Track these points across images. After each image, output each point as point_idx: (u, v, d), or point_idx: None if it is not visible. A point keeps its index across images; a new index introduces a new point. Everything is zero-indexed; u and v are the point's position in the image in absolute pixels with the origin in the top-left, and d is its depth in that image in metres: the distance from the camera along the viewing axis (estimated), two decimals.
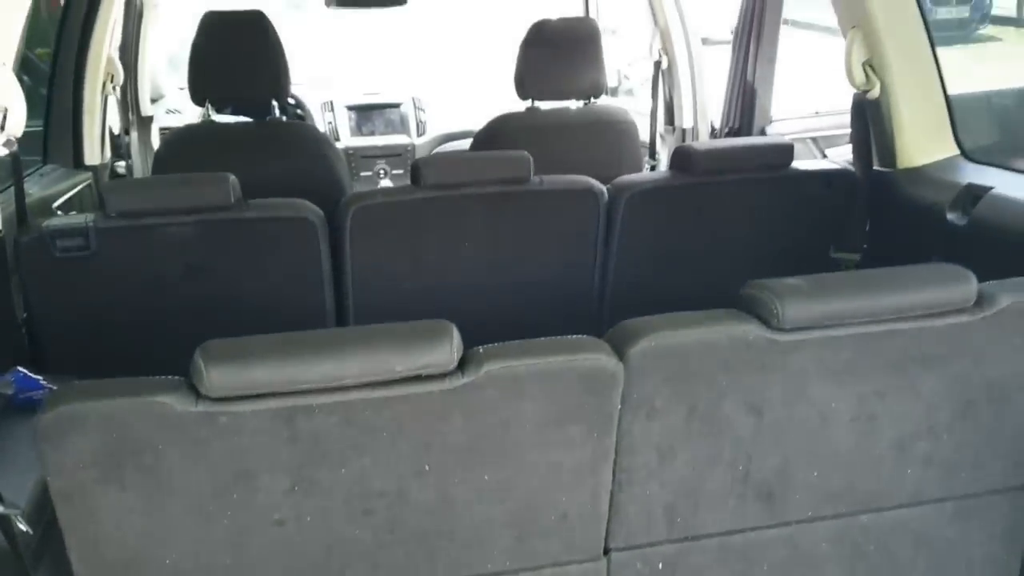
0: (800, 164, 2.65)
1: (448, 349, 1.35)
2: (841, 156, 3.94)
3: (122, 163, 3.95)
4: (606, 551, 1.59)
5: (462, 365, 1.38)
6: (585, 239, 2.57)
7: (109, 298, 2.31)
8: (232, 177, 2.29)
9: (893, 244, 2.62)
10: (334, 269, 2.43)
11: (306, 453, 1.36)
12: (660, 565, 1.62)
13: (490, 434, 1.41)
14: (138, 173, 4.16)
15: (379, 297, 2.50)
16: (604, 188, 2.53)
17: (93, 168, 3.37)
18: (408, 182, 2.67)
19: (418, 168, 2.42)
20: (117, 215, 2.24)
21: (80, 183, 3.26)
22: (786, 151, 2.59)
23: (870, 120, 2.62)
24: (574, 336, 1.46)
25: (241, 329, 2.45)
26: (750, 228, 2.67)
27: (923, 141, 2.55)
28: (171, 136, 3.39)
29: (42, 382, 2.05)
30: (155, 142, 4.29)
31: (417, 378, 1.35)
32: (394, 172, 4.74)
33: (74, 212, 3.27)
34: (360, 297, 2.48)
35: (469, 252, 2.52)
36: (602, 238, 2.58)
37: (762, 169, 2.58)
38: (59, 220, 2.31)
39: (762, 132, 3.86)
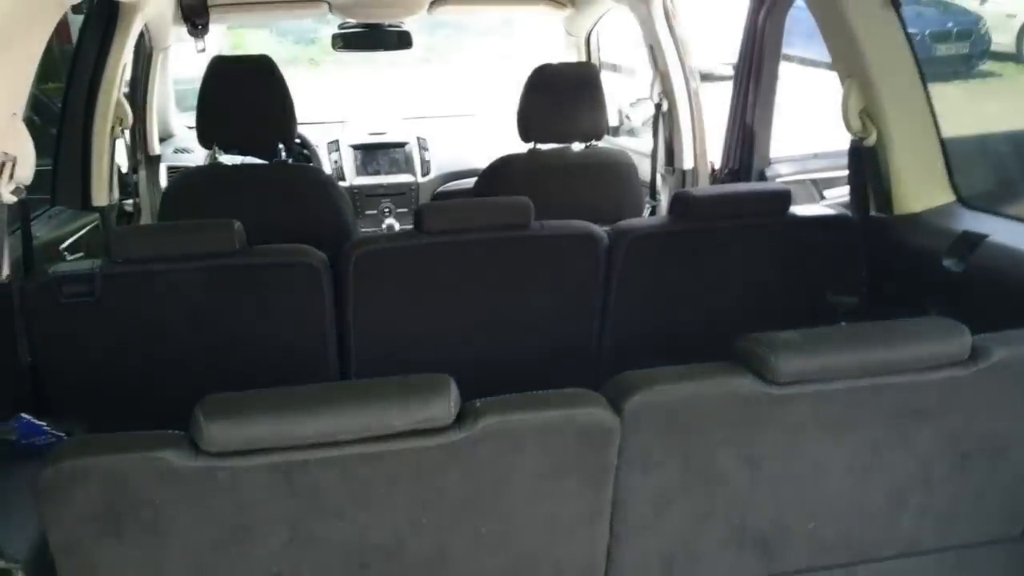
0: (798, 209, 2.68)
1: (446, 404, 1.37)
2: (839, 197, 3.98)
3: (130, 201, 4.00)
4: None
5: (460, 419, 1.39)
6: (586, 283, 2.59)
7: (113, 344, 2.33)
8: (237, 224, 2.32)
9: (890, 288, 2.64)
10: (337, 314, 2.46)
11: (304, 507, 1.37)
12: None
13: (487, 487, 1.43)
14: (146, 212, 4.20)
15: (381, 342, 2.52)
16: (604, 233, 2.56)
17: (101, 209, 3.41)
18: (412, 221, 2.71)
19: (421, 214, 2.45)
20: (123, 261, 2.27)
21: (87, 224, 3.30)
22: (784, 198, 2.62)
23: (867, 166, 2.65)
24: (571, 390, 1.47)
25: (244, 376, 2.49)
26: (749, 272, 2.69)
27: (919, 188, 2.58)
28: (178, 178, 3.44)
29: (45, 428, 2.07)
30: (163, 180, 4.33)
31: (415, 432, 1.37)
32: (399, 211, 4.77)
33: (81, 254, 3.31)
34: (362, 342, 2.50)
35: (470, 297, 2.54)
36: (602, 282, 2.60)
37: (761, 215, 2.61)
38: (66, 266, 2.34)
39: (761, 174, 3.91)
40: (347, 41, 4.38)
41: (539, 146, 3.33)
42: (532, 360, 2.65)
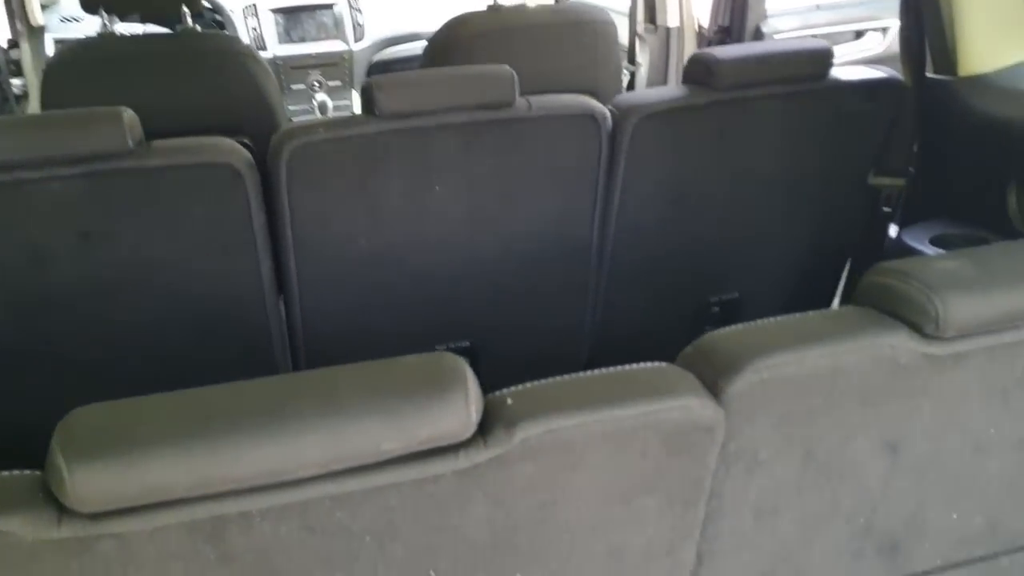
0: (838, 72, 2.16)
1: (462, 407, 0.86)
2: (849, 56, 3.47)
3: (18, 82, 3.33)
4: None
5: (484, 429, 0.89)
6: (583, 176, 2.06)
7: None
8: (127, 113, 1.72)
9: (947, 168, 2.17)
10: (270, 227, 1.90)
11: None
12: None
13: (525, 522, 0.94)
14: (34, 95, 3.52)
15: (328, 261, 1.98)
16: (607, 111, 2.02)
17: None
18: (347, 93, 2.13)
19: (371, 92, 1.87)
20: None
21: None
22: (825, 57, 2.10)
23: (924, 15, 2.12)
24: (649, 366, 0.97)
25: (149, 325, 1.94)
26: (776, 153, 2.19)
27: (993, 42, 2.07)
28: (60, 54, 2.76)
29: None
30: (50, 55, 3.65)
31: (415, 456, 0.87)
32: (331, 83, 4.14)
33: None
34: (304, 262, 1.96)
35: (440, 198, 2.00)
36: (604, 172, 2.08)
37: (798, 81, 2.09)
38: None
39: (757, 32, 3.37)
40: None
41: (500, 1, 2.74)
42: (518, 273, 2.15)
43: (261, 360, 2.03)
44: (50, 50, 3.67)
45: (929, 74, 2.16)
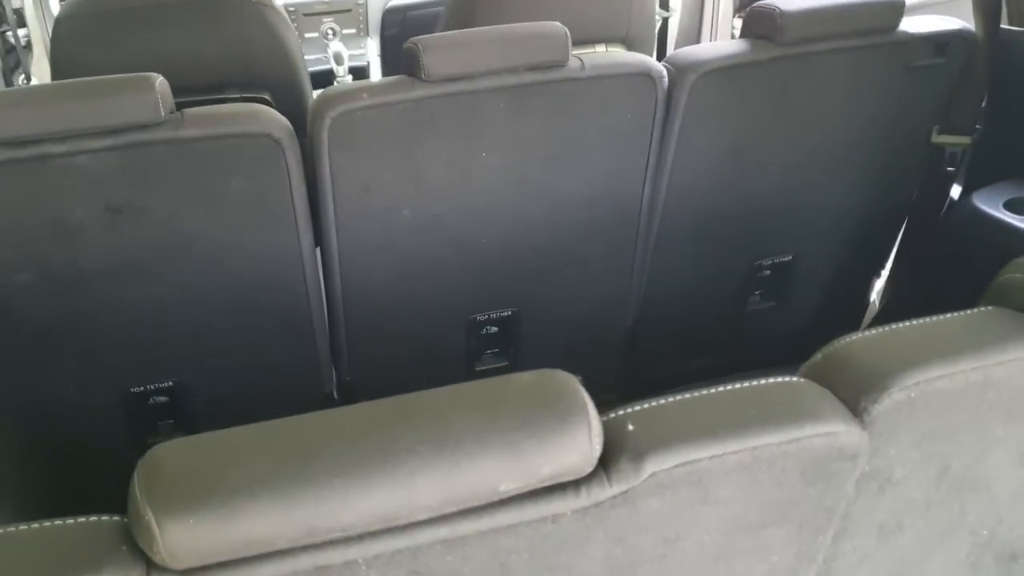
0: (908, 23, 2.03)
1: (585, 440, 0.77)
2: None
3: (23, 32, 3.18)
4: None
5: (606, 462, 0.80)
6: (636, 137, 1.95)
7: (1, 261, 1.65)
8: (160, 80, 1.60)
9: (1020, 125, 2.06)
10: (310, 198, 1.79)
11: None
12: None
13: (645, 559, 0.86)
14: (38, 46, 3.37)
15: (370, 231, 1.88)
16: (664, 68, 1.90)
17: None
18: (363, 41, 2.00)
19: (416, 55, 1.74)
20: (0, 143, 1.56)
21: None
22: (896, 8, 1.96)
23: None
24: (781, 381, 0.88)
25: (189, 303, 1.84)
26: (838, 110, 2.07)
27: None
28: (71, 5, 2.62)
29: None
30: (54, 3, 3.49)
31: (534, 494, 0.78)
32: (345, 31, 3.99)
33: None
34: (346, 233, 1.86)
35: (486, 165, 1.89)
36: (658, 133, 1.96)
37: (865, 34, 1.96)
38: None
39: None
40: None
41: None
42: (565, 239, 2.05)
43: (299, 333, 1.94)
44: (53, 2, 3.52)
45: (1004, 25, 2.04)
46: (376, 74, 4.10)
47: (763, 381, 0.88)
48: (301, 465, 0.72)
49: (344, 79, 3.84)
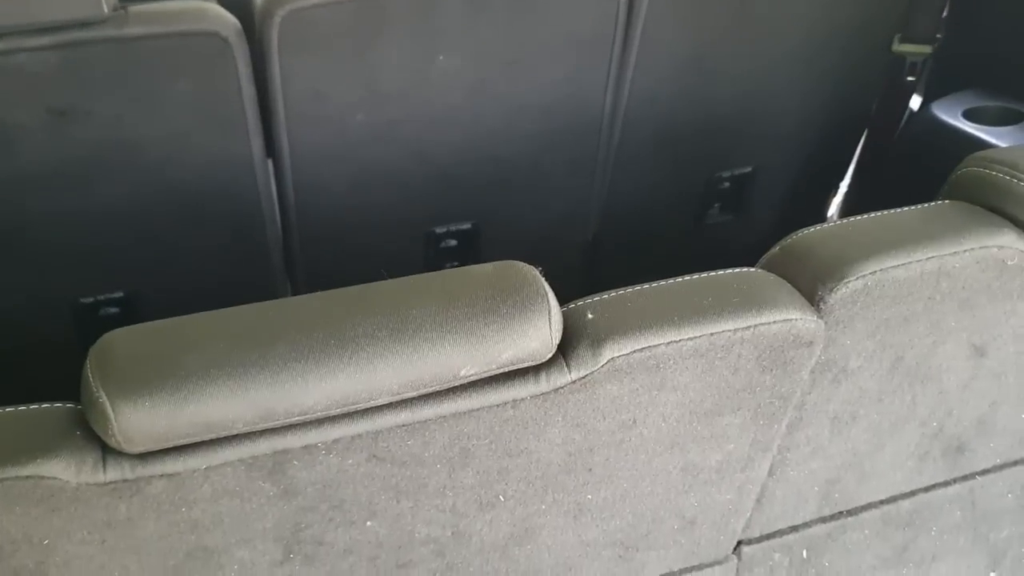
0: None
1: (543, 326, 0.76)
2: None
3: None
4: (736, 546, 1.11)
5: (565, 349, 0.80)
6: (598, 42, 1.91)
7: None
8: None
9: (980, 35, 2.06)
10: (260, 102, 1.74)
11: (307, 510, 0.79)
12: (804, 552, 1.15)
13: (602, 443, 0.86)
14: None
15: (323, 137, 1.84)
16: None
17: None
18: None
19: None
20: None
21: None
22: None
23: None
24: (738, 271, 0.88)
25: (137, 211, 1.79)
26: (799, 19, 2.05)
27: None
28: None
29: None
30: None
31: (494, 379, 0.78)
32: None
33: None
34: (298, 138, 1.81)
35: (443, 69, 1.84)
36: (620, 39, 1.93)
37: None
38: None
39: None
40: None
41: None
42: (525, 149, 2.02)
43: (251, 244, 1.91)
44: None
45: None
46: None
47: (721, 272, 0.88)
48: (258, 349, 0.71)
49: None
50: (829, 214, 2.53)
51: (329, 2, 1.69)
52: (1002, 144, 1.79)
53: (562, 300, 2.31)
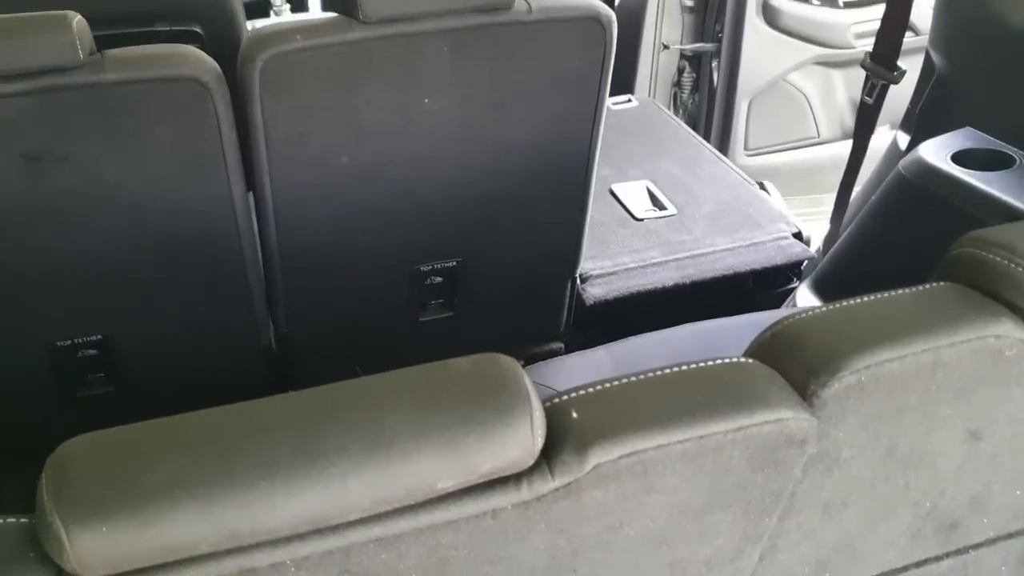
0: None
1: (527, 435, 0.73)
2: None
3: None
4: None
5: (549, 452, 0.77)
6: (584, 83, 1.89)
7: None
8: (78, 20, 1.50)
9: (973, 73, 2.04)
10: (241, 145, 1.71)
11: None
12: None
13: (586, 547, 0.83)
14: None
15: (306, 180, 1.81)
16: (613, 15, 1.83)
17: None
18: None
19: None
20: None
21: None
22: None
23: None
24: (729, 362, 0.85)
25: (112, 263, 1.75)
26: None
27: None
28: None
29: None
30: None
31: (473, 489, 0.74)
32: None
33: None
34: (280, 182, 1.78)
35: (428, 111, 1.81)
36: (606, 79, 1.91)
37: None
38: None
39: None
40: None
41: None
42: (510, 187, 1.99)
43: (233, 285, 1.87)
44: None
45: None
46: (316, 5, 3.94)
47: (711, 362, 0.85)
48: (223, 466, 0.68)
49: (281, 8, 3.68)
50: (813, 248, 2.51)
51: (312, 46, 1.66)
52: (988, 189, 1.77)
53: (549, 335, 2.28)
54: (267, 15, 3.59)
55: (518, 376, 0.76)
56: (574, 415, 0.78)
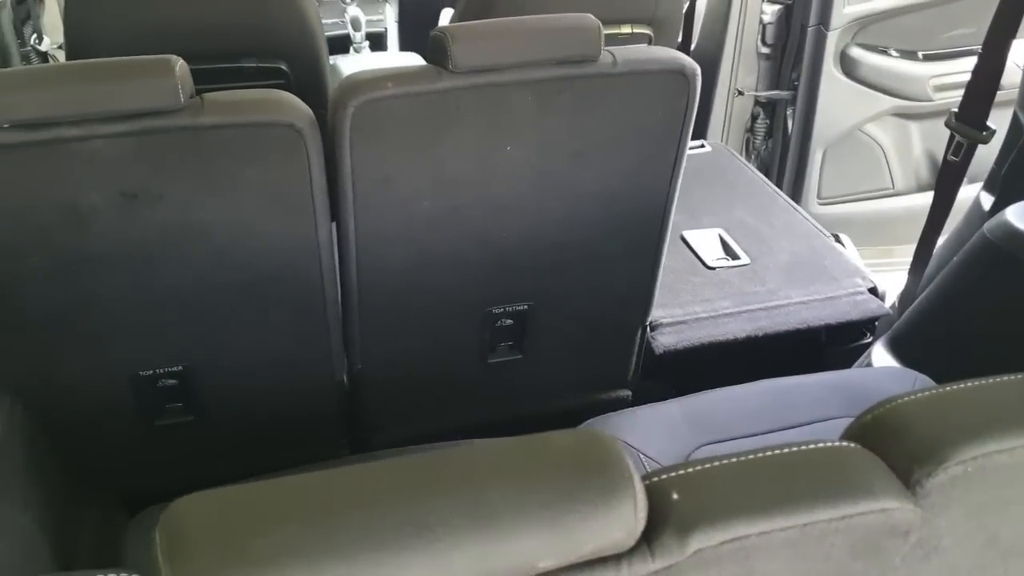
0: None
1: (630, 516, 0.73)
2: None
3: None
4: None
5: (650, 534, 0.76)
6: (666, 135, 1.89)
7: (11, 245, 1.61)
8: (180, 64, 1.54)
9: None
10: (328, 187, 1.74)
11: None
12: None
13: None
14: (52, 11, 3.31)
15: (389, 222, 1.84)
16: (698, 68, 1.83)
17: None
18: (381, 7, 1.91)
19: (445, 44, 1.68)
20: (11, 126, 1.50)
21: None
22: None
23: None
24: (828, 445, 0.84)
25: (204, 291, 1.80)
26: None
27: None
28: None
29: None
30: None
31: (569, 569, 0.74)
32: None
33: None
34: (364, 223, 1.81)
35: (510, 159, 1.83)
36: (688, 131, 1.91)
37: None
38: None
39: None
40: None
41: None
42: (585, 236, 2.00)
43: (312, 323, 1.90)
44: None
45: None
46: (393, 41, 4.01)
47: (812, 446, 0.84)
48: (330, 533, 0.69)
49: (361, 45, 3.75)
50: (888, 304, 2.47)
51: (402, 94, 1.69)
52: None
53: (616, 382, 2.25)
54: (347, 51, 3.67)
55: (620, 455, 0.76)
56: (674, 496, 0.78)
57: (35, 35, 3.12)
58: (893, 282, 2.59)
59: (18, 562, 1.48)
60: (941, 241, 2.42)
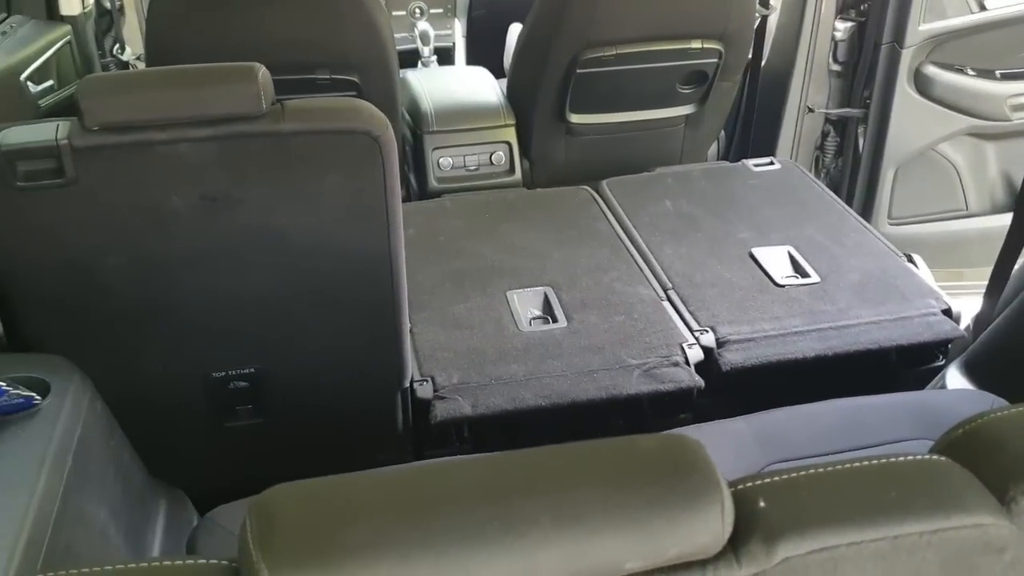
0: None
1: (717, 521, 0.72)
2: None
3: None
4: None
5: (736, 541, 0.76)
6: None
7: (96, 243, 1.66)
8: (263, 72, 1.58)
9: None
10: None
11: None
12: None
13: None
14: (132, 14, 3.40)
15: None
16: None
17: (72, 19, 2.65)
18: (450, 22, 1.91)
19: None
20: (101, 128, 1.55)
21: (56, 41, 2.54)
22: None
23: None
24: (918, 458, 0.82)
25: (276, 289, 1.81)
26: None
27: None
28: None
29: (2, 387, 1.44)
30: None
31: (655, 572, 0.74)
32: (433, 11, 3.96)
33: (51, 83, 2.55)
34: None
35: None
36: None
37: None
38: (20, 132, 1.60)
39: None
40: None
41: None
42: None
43: (381, 331, 1.92)
44: None
45: None
46: (461, 55, 4.05)
47: (901, 458, 0.82)
48: (419, 527, 0.69)
49: (429, 59, 3.79)
50: (962, 326, 2.41)
51: None
52: None
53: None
54: (416, 65, 3.72)
55: (707, 460, 0.75)
56: (761, 504, 0.77)
57: (116, 45, 3.21)
58: (964, 305, 2.53)
59: (93, 554, 1.52)
60: (1019, 264, 2.36)
